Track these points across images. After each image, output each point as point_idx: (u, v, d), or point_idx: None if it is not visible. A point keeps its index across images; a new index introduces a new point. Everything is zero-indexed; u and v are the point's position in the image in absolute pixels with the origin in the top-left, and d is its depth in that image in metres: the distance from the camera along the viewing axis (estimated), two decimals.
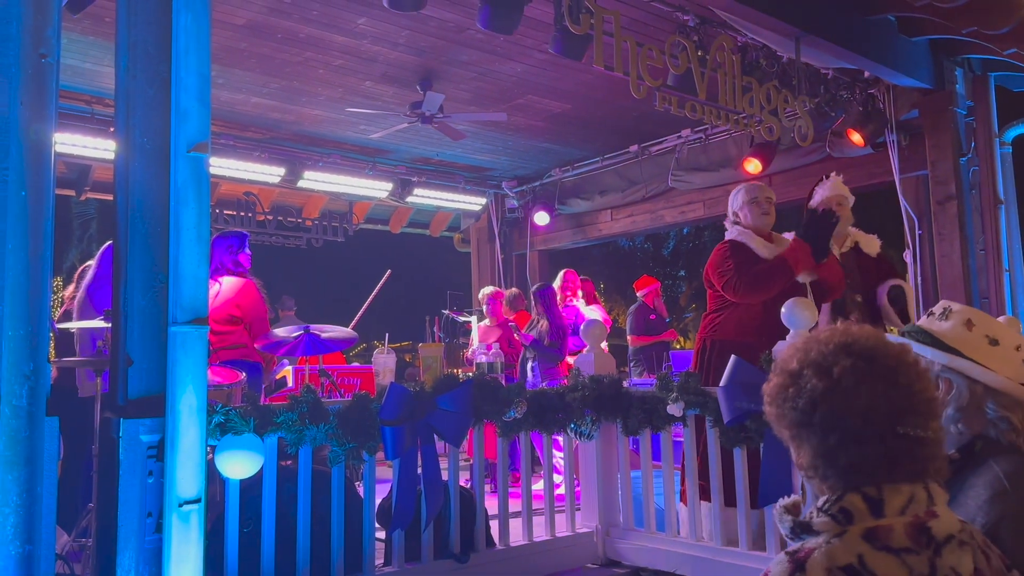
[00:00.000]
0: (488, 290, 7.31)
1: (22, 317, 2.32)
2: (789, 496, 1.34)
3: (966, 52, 6.18)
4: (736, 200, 4.33)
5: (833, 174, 4.54)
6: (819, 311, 3.94)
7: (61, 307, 5.04)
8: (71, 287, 4.88)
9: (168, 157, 2.69)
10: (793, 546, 1.23)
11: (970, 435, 1.58)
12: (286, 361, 6.53)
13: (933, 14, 5.37)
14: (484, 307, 7.18)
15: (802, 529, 1.24)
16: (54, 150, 2.47)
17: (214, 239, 4.86)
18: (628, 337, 8.08)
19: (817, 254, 4.03)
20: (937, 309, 1.67)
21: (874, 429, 1.21)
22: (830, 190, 4.44)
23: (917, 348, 1.59)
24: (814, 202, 4.43)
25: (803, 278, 4.07)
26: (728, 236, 4.31)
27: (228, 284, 4.80)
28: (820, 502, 1.24)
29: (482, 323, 7.18)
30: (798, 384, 1.27)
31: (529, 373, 6.61)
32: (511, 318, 7.23)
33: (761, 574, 1.23)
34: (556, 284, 7.25)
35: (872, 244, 4.52)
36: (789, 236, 4.27)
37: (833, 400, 1.23)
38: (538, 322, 6.71)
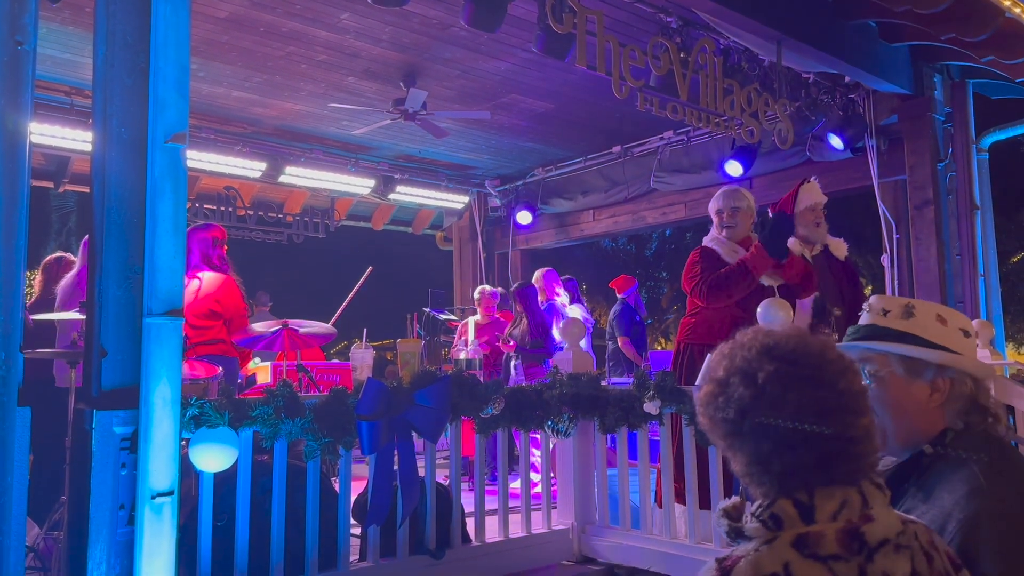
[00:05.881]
0: (487, 288, 7.33)
1: None
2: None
3: (945, 59, 6.25)
4: (710, 207, 4.40)
5: (813, 179, 4.57)
6: (794, 310, 3.97)
7: (30, 300, 4.99)
8: (38, 278, 4.84)
9: (145, 147, 2.67)
10: (725, 552, 1.21)
11: (940, 428, 1.57)
12: (258, 358, 6.50)
13: (913, 20, 5.43)
14: (479, 304, 7.17)
15: (736, 534, 1.23)
16: (29, 139, 2.45)
17: (193, 231, 4.83)
18: (619, 339, 8.01)
19: (777, 256, 4.06)
20: (892, 307, 1.65)
21: (804, 433, 1.19)
22: (816, 196, 4.46)
23: (903, 350, 1.58)
24: (801, 207, 4.45)
25: (769, 281, 4.11)
26: (704, 241, 4.37)
27: (208, 280, 4.77)
28: (753, 507, 1.23)
29: (475, 319, 7.18)
30: (726, 393, 1.24)
31: (513, 372, 6.61)
32: (499, 316, 7.25)
33: None
34: (536, 282, 7.25)
35: (840, 248, 4.54)
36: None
37: (761, 408, 1.21)
38: (519, 321, 6.72)
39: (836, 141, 6.60)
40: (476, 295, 7.32)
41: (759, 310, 3.44)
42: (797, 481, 1.20)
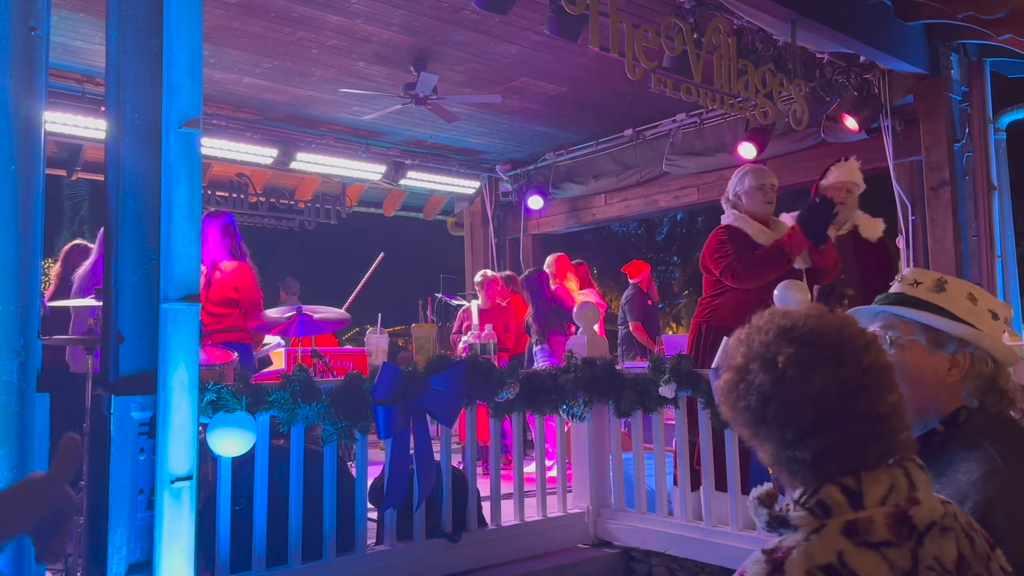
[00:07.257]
0: (489, 273, 7.28)
1: (12, 292, 2.31)
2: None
3: (962, 37, 6.16)
4: (742, 183, 4.30)
5: (853, 158, 4.51)
6: (812, 295, 3.94)
7: (48, 287, 5.01)
8: (57, 266, 4.86)
9: (159, 133, 2.67)
10: (771, 543, 1.17)
11: (955, 406, 1.55)
12: (280, 341, 6.49)
13: None
14: (480, 288, 7.12)
15: (779, 523, 1.18)
16: (44, 125, 2.45)
17: (212, 217, 4.83)
18: (630, 324, 7.98)
19: (815, 240, 4.01)
20: (924, 280, 1.65)
21: (829, 417, 1.15)
22: (845, 175, 4.42)
23: (927, 318, 1.57)
24: (826, 182, 4.41)
25: (799, 264, 4.07)
26: (724, 220, 4.30)
27: (227, 268, 4.79)
28: (796, 494, 1.17)
29: (477, 304, 7.14)
30: (746, 380, 1.20)
31: (536, 358, 6.60)
32: (504, 303, 7.21)
33: (736, 573, 1.16)
34: (548, 267, 7.21)
35: (874, 228, 4.48)
36: (789, 218, 4.26)
37: (782, 394, 1.16)
38: (532, 310, 6.71)
39: (851, 122, 6.53)
40: (478, 279, 7.23)
41: (775, 292, 3.42)
42: (831, 466, 1.15)
